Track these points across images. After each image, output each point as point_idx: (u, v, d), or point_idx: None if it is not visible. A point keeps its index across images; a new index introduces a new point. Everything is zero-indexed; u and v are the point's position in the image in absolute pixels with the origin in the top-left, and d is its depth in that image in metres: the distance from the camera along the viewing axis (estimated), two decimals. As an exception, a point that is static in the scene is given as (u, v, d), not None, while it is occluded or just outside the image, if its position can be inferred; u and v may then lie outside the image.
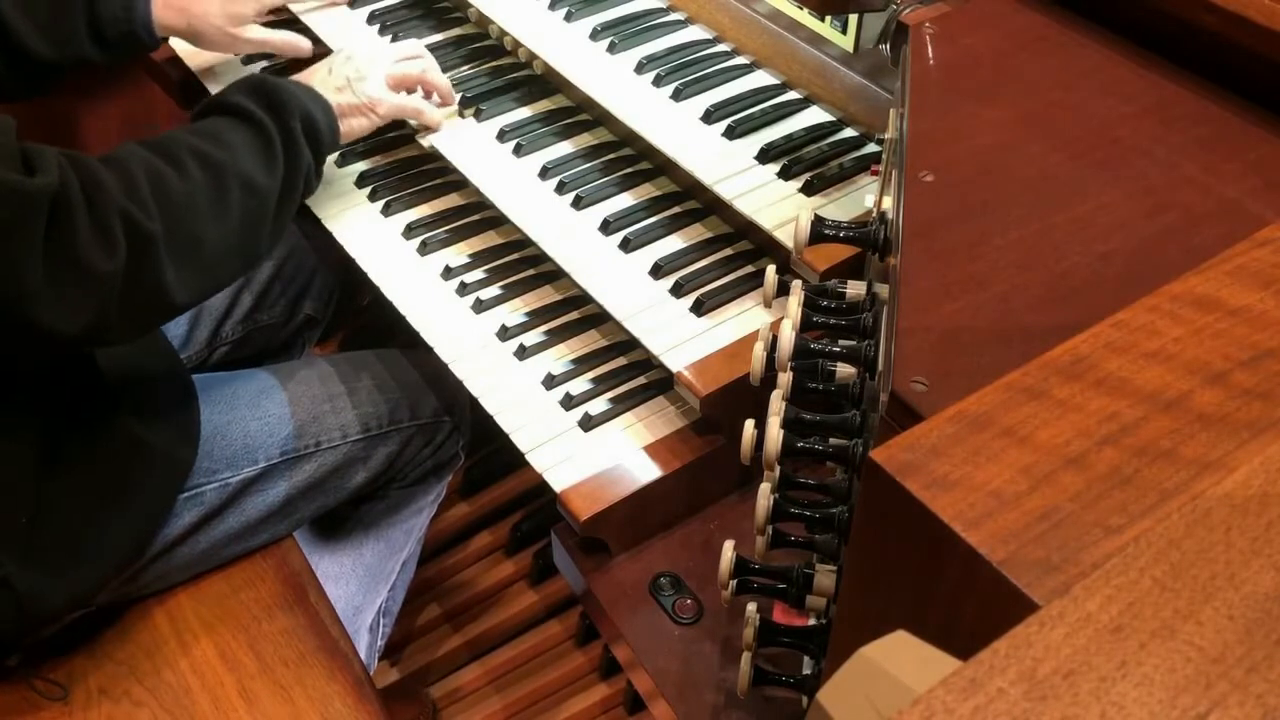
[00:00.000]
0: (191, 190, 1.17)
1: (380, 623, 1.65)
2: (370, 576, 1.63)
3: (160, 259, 1.13)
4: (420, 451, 1.58)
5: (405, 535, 1.65)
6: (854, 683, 0.52)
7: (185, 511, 1.38)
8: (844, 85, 1.42)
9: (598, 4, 1.63)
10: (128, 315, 1.14)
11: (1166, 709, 0.45)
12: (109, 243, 1.08)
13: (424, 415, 1.57)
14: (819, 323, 1.02)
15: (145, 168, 1.15)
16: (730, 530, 1.23)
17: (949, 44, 1.09)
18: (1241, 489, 0.55)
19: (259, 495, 1.44)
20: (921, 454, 0.61)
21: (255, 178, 1.24)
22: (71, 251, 1.06)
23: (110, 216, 1.09)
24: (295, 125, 1.30)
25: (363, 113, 1.44)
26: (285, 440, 1.45)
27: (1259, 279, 0.70)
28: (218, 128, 1.26)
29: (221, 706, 1.32)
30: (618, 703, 1.84)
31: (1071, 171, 0.93)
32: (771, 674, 1.05)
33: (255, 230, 1.26)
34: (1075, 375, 0.65)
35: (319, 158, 1.35)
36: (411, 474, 1.60)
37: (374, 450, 1.53)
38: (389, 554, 1.64)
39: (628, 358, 1.36)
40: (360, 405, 1.52)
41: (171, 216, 1.14)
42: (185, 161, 1.19)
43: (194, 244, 1.17)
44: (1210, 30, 0.98)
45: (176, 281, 1.15)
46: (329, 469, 1.49)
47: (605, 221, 1.41)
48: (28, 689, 1.32)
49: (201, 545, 1.41)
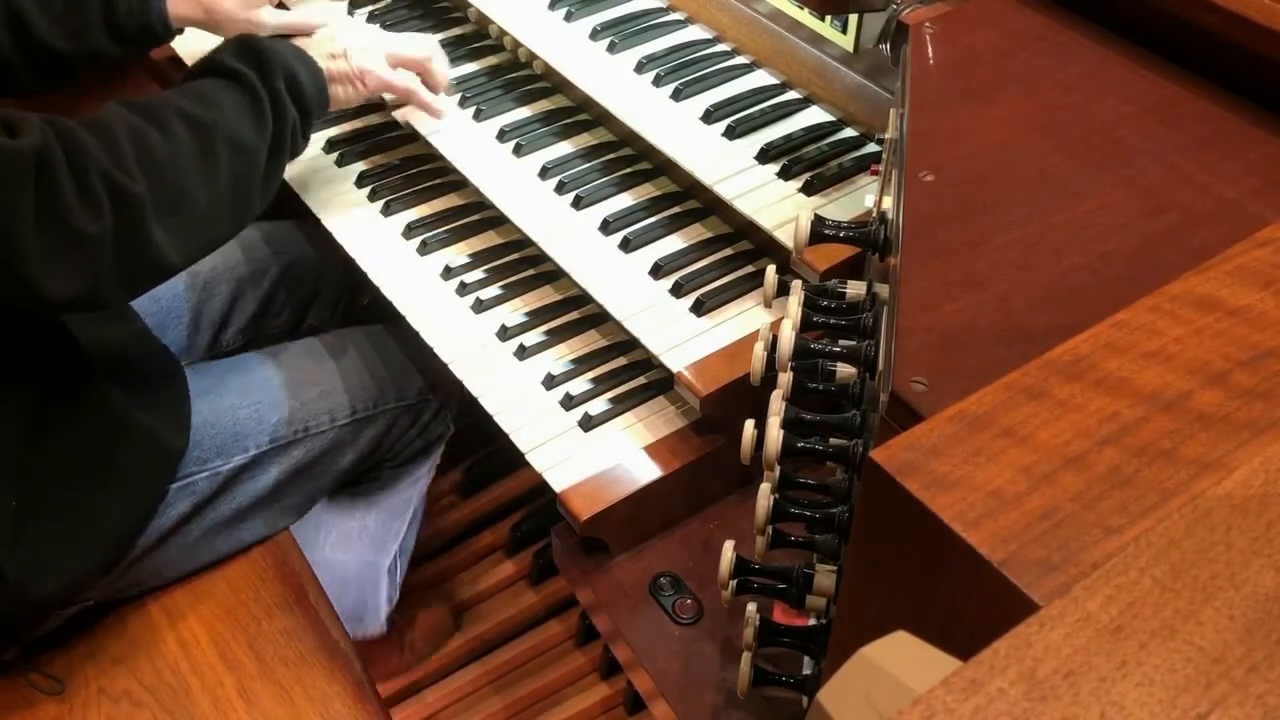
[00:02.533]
0: (177, 150, 1.18)
1: (397, 564, 1.69)
2: (379, 538, 1.67)
3: (147, 219, 1.13)
4: (407, 432, 1.60)
5: (405, 504, 1.67)
6: (854, 683, 0.52)
7: (178, 501, 1.39)
8: (844, 85, 1.42)
9: (598, 4, 1.63)
10: (121, 276, 1.15)
11: (1166, 709, 0.45)
12: (93, 204, 1.09)
13: (409, 396, 1.58)
14: (819, 323, 1.02)
15: (128, 129, 1.16)
16: (730, 530, 1.23)
17: (949, 44, 1.09)
18: (1241, 489, 0.55)
19: (250, 482, 1.45)
20: (921, 454, 0.61)
21: (243, 136, 1.25)
22: (58, 213, 1.08)
23: (91, 178, 1.10)
24: (279, 84, 1.30)
25: (350, 81, 1.44)
26: (274, 427, 1.46)
27: (1259, 279, 0.70)
28: (205, 88, 1.27)
29: (221, 706, 1.32)
30: (618, 703, 1.84)
31: (1071, 171, 0.93)
32: (771, 674, 1.05)
33: (245, 188, 1.26)
34: (1075, 375, 0.65)
35: (305, 116, 1.35)
36: (401, 454, 1.62)
37: (361, 432, 1.54)
38: (392, 519, 1.67)
39: (628, 358, 1.36)
40: (349, 388, 1.53)
41: (157, 177, 1.15)
42: (170, 122, 1.19)
43: (182, 204, 1.18)
44: (1210, 30, 0.98)
45: (167, 241, 1.16)
46: (317, 453, 1.51)
47: (605, 221, 1.41)
48: (25, 685, 1.31)
49: (195, 534, 1.42)
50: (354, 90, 1.45)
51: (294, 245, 1.75)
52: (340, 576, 1.63)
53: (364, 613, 1.66)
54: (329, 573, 1.59)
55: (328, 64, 1.40)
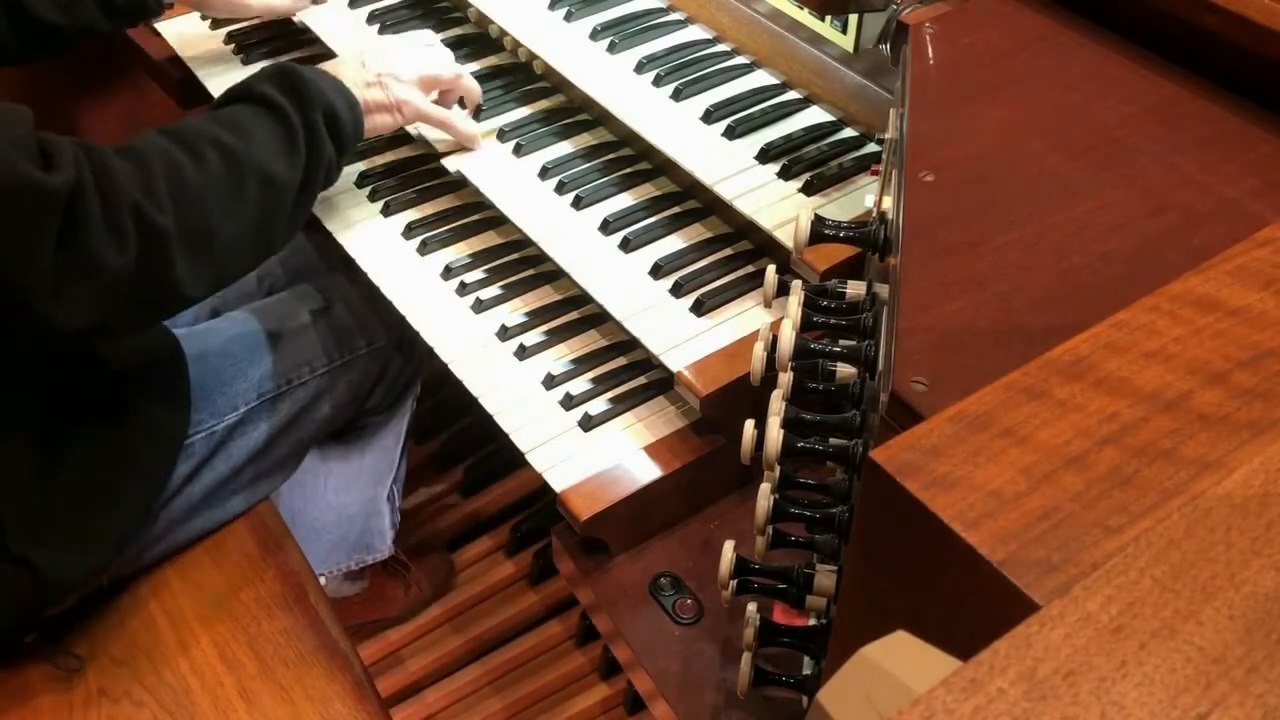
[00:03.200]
0: (208, 181, 1.17)
1: (394, 492, 1.76)
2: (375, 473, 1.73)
3: (171, 253, 1.13)
4: (383, 374, 1.63)
5: (395, 439, 1.74)
6: (854, 683, 0.52)
7: (180, 465, 1.41)
8: (844, 85, 1.42)
9: (598, 4, 1.63)
10: (136, 308, 1.15)
11: (1167, 709, 0.45)
12: (121, 237, 1.08)
13: (378, 339, 1.61)
14: (819, 323, 1.02)
15: (163, 159, 1.15)
16: (730, 530, 1.23)
17: (949, 44, 1.09)
18: (1241, 489, 0.55)
19: (243, 439, 1.48)
20: (921, 454, 0.61)
21: (275, 170, 1.23)
22: (84, 247, 1.06)
23: (122, 210, 1.08)
24: (318, 117, 1.28)
25: (389, 110, 1.42)
26: (260, 383, 1.49)
27: (1259, 279, 0.70)
28: (240, 116, 1.25)
29: (221, 706, 1.32)
30: (618, 703, 1.84)
31: (1071, 171, 0.93)
32: (771, 674, 1.05)
33: (271, 223, 1.25)
34: (1075, 375, 0.65)
35: (341, 152, 1.34)
36: (380, 400, 1.66)
37: (338, 379, 1.57)
38: (384, 455, 1.74)
39: (628, 358, 1.36)
40: (321, 339, 1.56)
41: (186, 209, 1.14)
42: (204, 151, 1.18)
43: (207, 236, 1.17)
44: (1210, 30, 0.98)
45: (187, 274, 1.16)
46: (302, 404, 1.54)
47: (605, 221, 1.41)
48: (29, 677, 1.32)
49: (197, 494, 1.45)
50: (391, 120, 1.44)
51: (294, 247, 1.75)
52: (346, 515, 1.72)
53: (371, 539, 1.75)
54: (335, 514, 1.70)
55: (364, 94, 1.38)
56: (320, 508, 1.67)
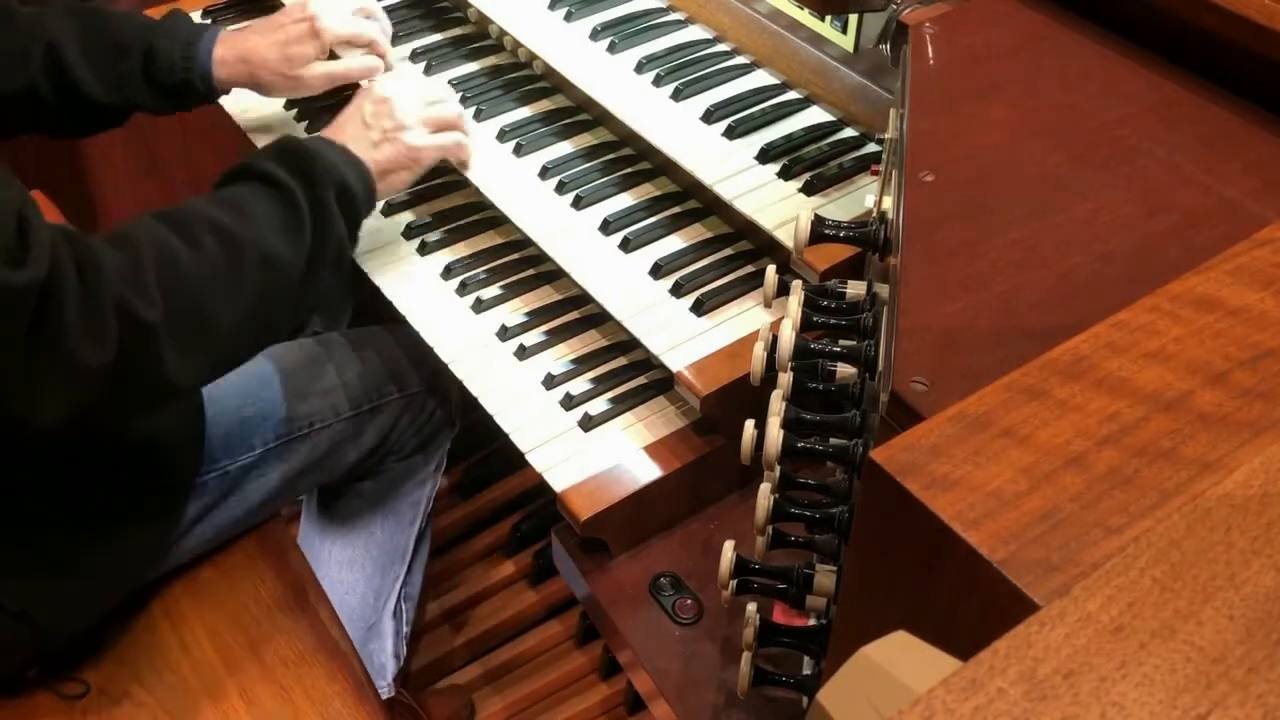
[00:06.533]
0: (203, 268, 1.11)
1: (402, 608, 1.65)
2: (385, 556, 1.64)
3: (159, 347, 1.06)
4: (414, 422, 1.58)
5: (413, 508, 1.65)
6: (854, 683, 0.52)
7: (190, 503, 1.38)
8: (844, 85, 1.42)
9: (598, 4, 1.63)
10: (119, 403, 1.10)
11: (1167, 709, 0.45)
12: (101, 334, 1.02)
13: (411, 386, 1.55)
14: (819, 323, 1.02)
15: (154, 247, 1.09)
16: (730, 530, 1.23)
17: (949, 44, 1.09)
18: (1241, 489, 0.55)
19: (259, 480, 1.44)
20: (921, 454, 0.61)
21: (277, 251, 1.17)
22: (59, 345, 1.00)
23: (104, 305, 1.02)
24: (328, 195, 1.22)
25: (406, 166, 1.37)
26: (279, 424, 1.45)
27: (1259, 279, 0.70)
28: (241, 195, 1.20)
29: (221, 707, 1.32)
30: (618, 703, 1.84)
31: (1071, 171, 0.93)
32: (771, 674, 1.05)
33: (273, 306, 1.19)
34: (1075, 375, 0.65)
35: (353, 229, 1.28)
36: (407, 445, 1.60)
37: (365, 426, 1.52)
38: (399, 529, 1.64)
39: (628, 358, 1.36)
40: (348, 383, 1.51)
41: (177, 300, 1.08)
42: (200, 236, 1.12)
43: (201, 326, 1.11)
44: (1210, 30, 0.98)
45: (178, 367, 1.09)
46: (324, 449, 1.49)
47: (605, 221, 1.41)
48: (45, 693, 1.32)
49: (208, 533, 1.42)
50: (409, 175, 1.39)
51: None
52: (346, 606, 1.59)
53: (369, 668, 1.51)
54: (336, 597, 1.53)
55: (373, 155, 1.33)
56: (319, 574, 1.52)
